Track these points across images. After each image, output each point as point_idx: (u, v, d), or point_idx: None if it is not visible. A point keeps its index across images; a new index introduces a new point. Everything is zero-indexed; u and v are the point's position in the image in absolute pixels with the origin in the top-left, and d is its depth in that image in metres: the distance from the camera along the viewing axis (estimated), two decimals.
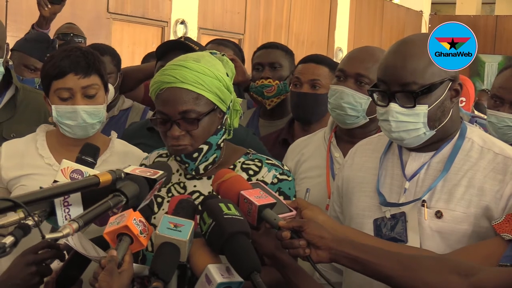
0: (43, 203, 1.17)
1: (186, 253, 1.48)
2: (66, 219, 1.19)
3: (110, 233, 1.44)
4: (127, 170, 1.42)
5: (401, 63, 1.70)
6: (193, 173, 1.81)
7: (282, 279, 1.63)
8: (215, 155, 1.82)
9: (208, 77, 1.75)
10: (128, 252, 1.45)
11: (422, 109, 1.69)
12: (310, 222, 1.53)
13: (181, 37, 2.66)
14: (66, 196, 1.18)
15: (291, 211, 1.61)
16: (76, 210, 1.18)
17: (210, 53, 1.85)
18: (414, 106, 1.68)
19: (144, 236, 1.47)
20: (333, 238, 1.51)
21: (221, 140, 1.82)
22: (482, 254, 1.58)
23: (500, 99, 2.62)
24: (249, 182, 1.71)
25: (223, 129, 1.83)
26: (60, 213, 1.18)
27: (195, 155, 1.78)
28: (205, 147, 1.78)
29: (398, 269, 1.46)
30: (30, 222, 1.14)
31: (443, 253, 1.65)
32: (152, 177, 1.42)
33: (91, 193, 1.31)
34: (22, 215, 1.14)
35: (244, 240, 1.46)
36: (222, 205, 1.50)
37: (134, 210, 1.45)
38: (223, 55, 1.85)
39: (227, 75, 1.81)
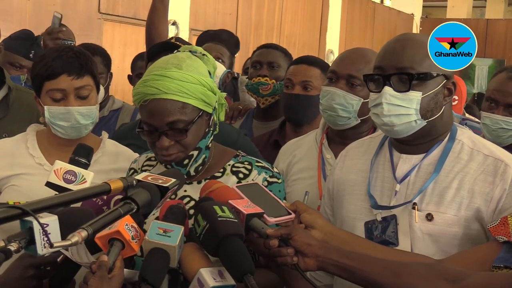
0: (23, 232, 1.16)
1: (176, 258, 1.47)
2: (45, 247, 1.17)
3: (102, 238, 1.43)
4: (139, 177, 1.41)
5: (400, 48, 1.72)
6: (185, 176, 1.79)
7: (275, 280, 1.64)
8: (204, 156, 1.81)
9: (191, 84, 1.71)
10: (119, 257, 1.43)
11: (416, 96, 1.70)
12: (298, 229, 1.53)
13: (172, 38, 2.65)
14: (45, 225, 1.17)
15: (289, 214, 1.61)
16: (54, 239, 1.17)
17: (190, 51, 1.82)
18: (408, 91, 1.69)
19: (136, 242, 1.45)
20: (320, 245, 1.51)
21: (209, 142, 1.81)
22: (478, 258, 1.57)
23: (495, 102, 2.65)
24: (248, 183, 1.72)
25: (211, 131, 1.81)
26: (39, 241, 1.17)
27: (186, 161, 1.77)
28: (195, 153, 1.77)
29: (386, 275, 1.46)
30: (12, 247, 1.13)
31: (434, 256, 1.65)
32: (164, 185, 1.41)
33: (69, 222, 1.30)
34: (2, 243, 1.14)
35: (238, 242, 1.45)
36: (216, 207, 1.49)
37: (145, 218, 1.43)
38: (203, 54, 1.83)
39: (210, 74, 1.79)
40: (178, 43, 2.48)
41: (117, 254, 1.42)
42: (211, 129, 1.81)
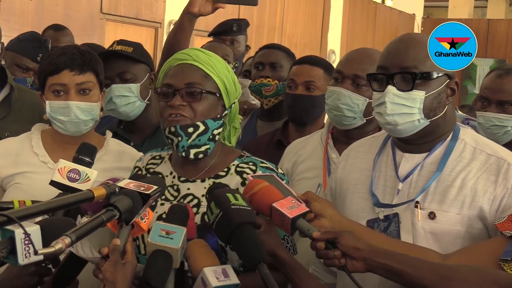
0: (4, 241, 1.17)
1: (178, 259, 1.48)
2: (26, 257, 1.18)
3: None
4: (121, 184, 1.42)
5: (403, 48, 1.73)
6: (183, 154, 1.78)
7: (281, 280, 1.63)
8: (208, 146, 1.80)
9: (219, 64, 1.81)
10: (130, 240, 1.46)
11: (419, 95, 1.70)
12: (345, 233, 1.54)
13: (113, 43, 2.61)
14: (26, 234, 1.18)
15: (300, 203, 1.62)
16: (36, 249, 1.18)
17: None
18: (411, 90, 1.69)
19: (145, 221, 1.48)
20: (369, 249, 1.52)
21: (217, 131, 1.81)
22: (485, 252, 1.58)
23: (487, 100, 2.66)
24: (263, 174, 1.73)
25: (222, 121, 1.82)
26: (20, 251, 1.18)
27: (190, 129, 1.76)
28: (202, 127, 1.77)
29: (436, 280, 1.46)
30: None
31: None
32: (146, 192, 1.42)
33: (51, 231, 1.31)
34: None
35: (252, 231, 1.46)
36: (229, 195, 1.50)
37: (126, 224, 1.45)
38: (235, 65, 1.90)
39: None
40: (121, 47, 2.50)
41: (128, 236, 1.45)
42: (224, 121, 1.83)
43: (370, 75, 1.78)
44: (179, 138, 1.76)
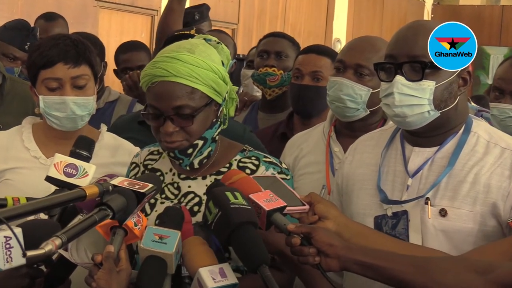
0: None
1: (173, 265, 1.45)
2: (7, 262, 1.14)
3: (104, 226, 1.43)
4: (115, 182, 1.38)
5: (412, 36, 1.69)
6: (188, 168, 1.76)
7: (282, 280, 1.64)
8: (210, 149, 1.77)
9: (202, 70, 1.68)
10: (123, 248, 1.44)
11: (429, 85, 1.66)
12: (320, 229, 1.52)
13: (192, 28, 2.55)
14: (8, 238, 1.13)
15: (304, 205, 1.60)
16: (18, 253, 1.14)
17: (205, 39, 1.79)
18: (421, 80, 1.65)
19: (139, 228, 1.46)
20: (342, 245, 1.49)
21: (216, 133, 1.77)
22: (498, 251, 1.55)
23: (500, 91, 2.62)
24: (265, 175, 1.71)
25: (218, 122, 1.77)
26: (1, 255, 1.13)
27: (190, 151, 1.72)
28: (200, 142, 1.73)
29: (412, 272, 1.44)
30: None
31: (448, 253, 1.62)
32: (141, 190, 1.38)
33: (34, 235, 1.28)
34: None
35: (252, 231, 1.43)
36: (228, 193, 1.47)
37: (120, 224, 1.42)
38: (218, 42, 1.79)
39: (223, 64, 1.76)
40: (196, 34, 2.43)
41: (121, 243, 1.43)
42: (219, 120, 1.77)
43: (378, 64, 1.74)
44: (180, 161, 1.74)
